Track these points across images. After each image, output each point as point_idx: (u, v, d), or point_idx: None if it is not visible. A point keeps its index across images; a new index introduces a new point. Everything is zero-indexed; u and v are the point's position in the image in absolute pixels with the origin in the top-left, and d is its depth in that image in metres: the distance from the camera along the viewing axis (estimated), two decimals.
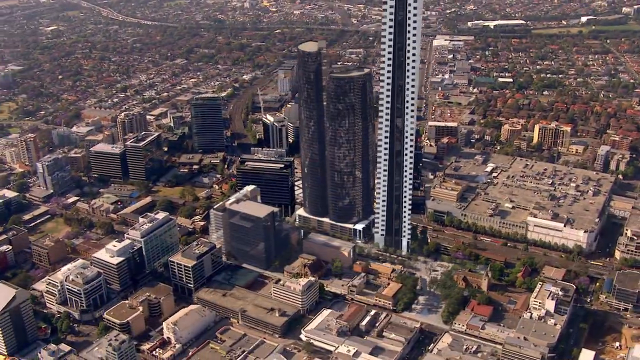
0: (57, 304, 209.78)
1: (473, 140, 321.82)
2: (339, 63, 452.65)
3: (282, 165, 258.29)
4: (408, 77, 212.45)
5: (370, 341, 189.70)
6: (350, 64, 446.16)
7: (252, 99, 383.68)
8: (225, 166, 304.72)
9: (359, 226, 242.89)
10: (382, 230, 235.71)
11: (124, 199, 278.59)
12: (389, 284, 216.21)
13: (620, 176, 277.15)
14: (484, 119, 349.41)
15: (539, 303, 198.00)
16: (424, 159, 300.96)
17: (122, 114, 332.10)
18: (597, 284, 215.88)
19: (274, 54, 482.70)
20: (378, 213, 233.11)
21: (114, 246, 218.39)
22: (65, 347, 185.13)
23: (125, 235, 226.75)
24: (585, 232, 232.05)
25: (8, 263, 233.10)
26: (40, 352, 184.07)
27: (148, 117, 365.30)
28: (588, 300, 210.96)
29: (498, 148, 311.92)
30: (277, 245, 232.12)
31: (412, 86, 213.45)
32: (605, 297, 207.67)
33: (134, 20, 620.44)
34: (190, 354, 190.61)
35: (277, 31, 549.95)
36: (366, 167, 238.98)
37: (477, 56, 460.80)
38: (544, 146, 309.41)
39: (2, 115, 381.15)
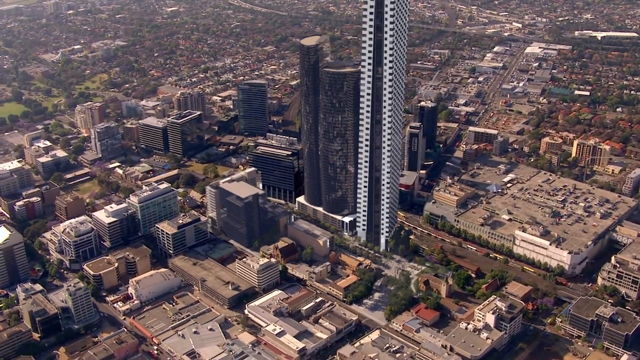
0: (56, 252, 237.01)
1: (510, 150, 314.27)
2: (418, 62, 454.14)
3: (289, 153, 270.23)
4: (385, 77, 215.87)
5: (302, 325, 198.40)
6: (430, 64, 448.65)
7: None
8: None
9: (347, 219, 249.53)
10: (363, 225, 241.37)
11: (156, 169, 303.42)
12: (348, 276, 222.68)
13: None
14: (536, 129, 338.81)
15: (482, 316, 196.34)
16: (448, 163, 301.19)
17: (179, 92, 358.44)
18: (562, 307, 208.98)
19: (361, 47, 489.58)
20: (359, 208, 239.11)
21: (111, 208, 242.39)
22: (37, 287, 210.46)
23: (126, 199, 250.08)
24: (569, 253, 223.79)
25: (35, 213, 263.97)
26: (16, 288, 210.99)
27: (215, 97, 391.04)
28: (547, 321, 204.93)
29: (531, 160, 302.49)
30: (261, 226, 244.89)
31: (390, 86, 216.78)
32: (561, 321, 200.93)
33: (249, 6, 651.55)
34: (143, 309, 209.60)
35: None
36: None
37: (564, 66, 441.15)
38: (580, 163, 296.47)
39: (94, 84, 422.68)
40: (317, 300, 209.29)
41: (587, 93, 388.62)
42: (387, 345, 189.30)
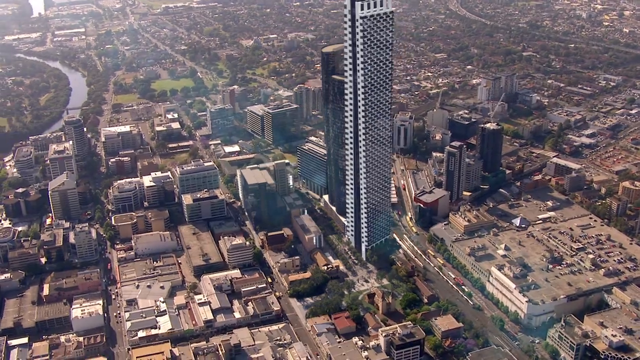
0: (110, 202, 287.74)
1: (585, 188, 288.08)
2: (578, 86, 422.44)
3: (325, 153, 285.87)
4: (359, 88, 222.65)
5: (228, 302, 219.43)
6: (589, 89, 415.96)
7: (441, 99, 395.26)
8: None
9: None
10: (351, 232, 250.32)
11: (243, 151, 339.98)
12: (306, 271, 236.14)
13: None
14: None
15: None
16: (501, 190, 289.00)
17: (297, 87, 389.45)
18: None
19: (531, 65, 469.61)
20: (348, 215, 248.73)
21: (155, 174, 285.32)
22: (66, 224, 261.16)
23: (174, 169, 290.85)
24: (527, 301, 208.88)
25: (125, 169, 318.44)
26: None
27: None
28: None
29: (598, 203, 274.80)
30: (270, 213, 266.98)
31: (364, 99, 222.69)
32: None
33: (464, 13, 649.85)
34: (133, 260, 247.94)
35: (571, 45, 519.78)
36: None
37: None
38: None
39: (263, 71, 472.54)
40: (260, 286, 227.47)
41: None
42: (278, 338, 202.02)
